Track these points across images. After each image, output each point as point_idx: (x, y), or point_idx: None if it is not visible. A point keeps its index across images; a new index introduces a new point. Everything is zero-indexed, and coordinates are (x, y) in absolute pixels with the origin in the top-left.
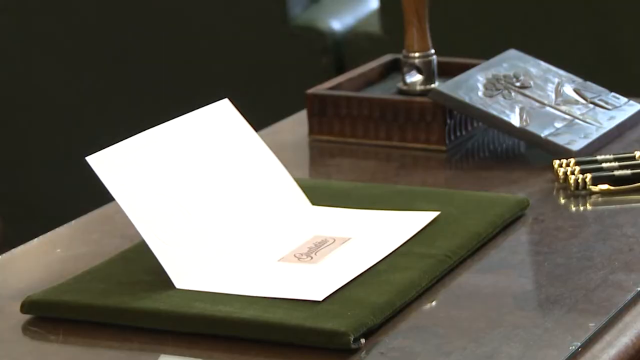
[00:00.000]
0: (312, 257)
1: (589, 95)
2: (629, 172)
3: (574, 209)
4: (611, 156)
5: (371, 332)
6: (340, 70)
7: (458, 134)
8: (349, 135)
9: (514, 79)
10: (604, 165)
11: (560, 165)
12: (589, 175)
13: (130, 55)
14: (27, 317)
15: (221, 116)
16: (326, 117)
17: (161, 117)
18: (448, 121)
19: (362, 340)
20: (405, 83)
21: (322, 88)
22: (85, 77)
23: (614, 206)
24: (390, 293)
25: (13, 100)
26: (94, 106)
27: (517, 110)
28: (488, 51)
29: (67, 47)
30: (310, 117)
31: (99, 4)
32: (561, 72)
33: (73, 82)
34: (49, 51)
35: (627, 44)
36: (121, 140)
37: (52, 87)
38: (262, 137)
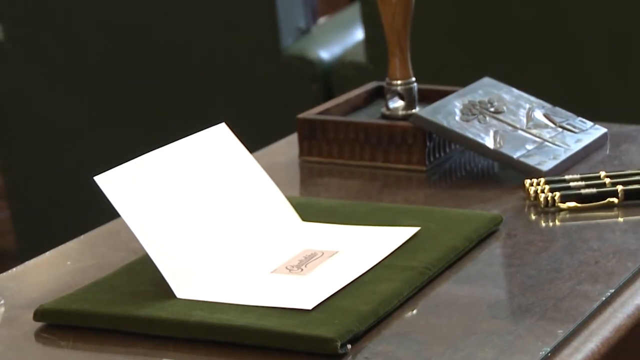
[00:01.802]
0: (302, 269)
1: (557, 119)
2: (594, 190)
3: (543, 224)
4: (578, 176)
5: (357, 339)
6: (328, 97)
7: (437, 155)
8: (336, 156)
9: (489, 105)
10: (572, 184)
11: (531, 184)
12: (557, 194)
13: (134, 83)
14: (39, 324)
15: (219, 139)
16: (315, 140)
17: (162, 141)
18: (428, 143)
19: (349, 346)
20: (388, 108)
21: (311, 113)
22: (91, 106)
23: (580, 222)
24: (375, 302)
25: (26, 127)
26: (100, 132)
27: (491, 133)
28: (464, 79)
29: (77, 77)
30: (301, 140)
31: (101, 35)
32: (532, 98)
33: (80, 110)
34: (59, 81)
35: (593, 73)
36: (125, 161)
37: (61, 115)
38: (256, 158)
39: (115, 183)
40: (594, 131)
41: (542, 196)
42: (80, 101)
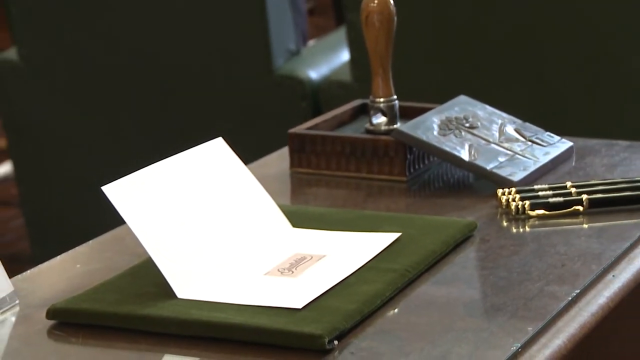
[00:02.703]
0: (293, 272)
1: (527, 134)
2: (561, 199)
3: (514, 230)
4: (546, 186)
5: (343, 335)
6: (317, 113)
7: (417, 167)
8: (324, 168)
9: (464, 121)
10: (540, 193)
11: (503, 194)
12: (527, 202)
13: (138, 100)
14: (51, 322)
15: (216, 152)
16: (305, 153)
17: (164, 154)
18: (408, 156)
19: (335, 342)
20: (372, 124)
21: (301, 128)
22: (98, 122)
23: (548, 228)
24: (359, 302)
25: (38, 141)
26: (107, 146)
27: (466, 146)
28: (442, 97)
29: (85, 95)
30: (292, 152)
31: (108, 56)
32: (504, 114)
33: (87, 126)
34: (72, 101)
35: (559, 91)
36: (130, 173)
37: (71, 130)
38: (250, 169)
39: (121, 193)
40: (561, 145)
41: (513, 204)
42: (88, 117)
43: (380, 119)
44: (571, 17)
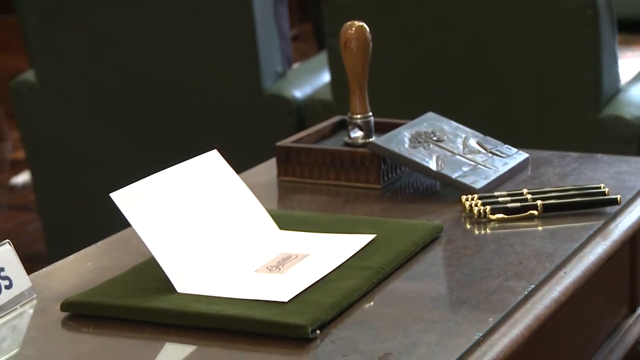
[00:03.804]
0: (280, 269)
1: (488, 146)
2: (518, 204)
3: (477, 232)
4: (505, 192)
5: (324, 326)
6: (301, 128)
7: (390, 175)
8: (307, 177)
9: (432, 135)
10: (500, 199)
11: (467, 200)
12: (488, 207)
13: (143, 117)
14: (65, 314)
15: (211, 163)
16: (290, 164)
17: (165, 164)
18: (382, 166)
19: (318, 332)
20: (350, 137)
21: (287, 141)
22: (107, 136)
23: (507, 230)
24: (339, 296)
25: (54, 153)
26: (114, 157)
27: (434, 158)
28: (412, 114)
29: (96, 112)
30: (279, 163)
31: (118, 79)
32: (467, 129)
33: (97, 140)
34: (82, 117)
35: (517, 109)
36: (135, 181)
37: (82, 143)
38: (242, 178)
39: (127, 199)
40: (518, 156)
41: (475, 209)
42: (97, 131)
43: (357, 133)
44: (522, 41)
